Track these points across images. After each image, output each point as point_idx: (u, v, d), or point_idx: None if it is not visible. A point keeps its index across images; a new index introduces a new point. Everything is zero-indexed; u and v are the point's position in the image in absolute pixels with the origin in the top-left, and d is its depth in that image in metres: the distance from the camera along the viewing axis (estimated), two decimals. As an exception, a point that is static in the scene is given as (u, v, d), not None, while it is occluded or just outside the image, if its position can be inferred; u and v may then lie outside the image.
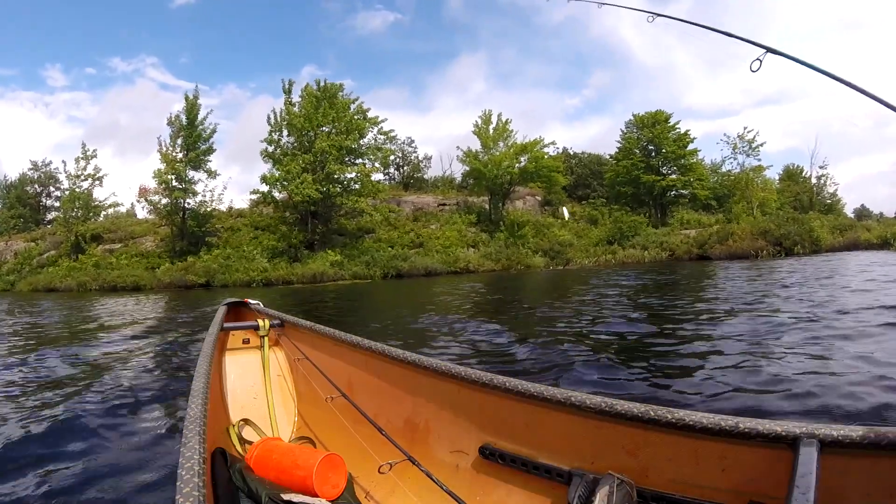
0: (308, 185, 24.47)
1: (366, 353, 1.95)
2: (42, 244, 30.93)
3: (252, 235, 28.28)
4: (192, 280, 23.98)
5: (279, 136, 27.23)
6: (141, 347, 5.80)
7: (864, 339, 4.20)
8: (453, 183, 37.90)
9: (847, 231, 27.26)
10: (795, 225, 25.20)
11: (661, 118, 34.02)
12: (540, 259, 26.95)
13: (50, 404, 3.33)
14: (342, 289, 18.62)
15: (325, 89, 26.92)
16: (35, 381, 4.12)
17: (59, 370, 4.52)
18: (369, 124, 27.09)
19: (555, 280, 17.11)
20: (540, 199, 34.81)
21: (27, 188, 37.72)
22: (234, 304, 2.82)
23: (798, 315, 5.62)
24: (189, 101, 28.08)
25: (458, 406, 1.62)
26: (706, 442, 1.11)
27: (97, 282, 24.75)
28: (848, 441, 0.96)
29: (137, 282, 24.25)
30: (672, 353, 4.24)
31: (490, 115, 31.11)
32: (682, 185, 33.37)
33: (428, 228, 29.66)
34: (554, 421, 1.36)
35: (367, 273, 23.99)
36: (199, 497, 0.91)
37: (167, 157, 27.34)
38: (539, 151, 30.45)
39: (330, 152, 25.30)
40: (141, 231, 30.26)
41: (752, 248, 23.81)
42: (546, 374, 3.72)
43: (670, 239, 28.37)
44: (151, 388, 3.73)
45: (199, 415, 1.26)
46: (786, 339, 4.44)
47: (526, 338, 5.19)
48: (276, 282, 23.25)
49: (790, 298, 7.42)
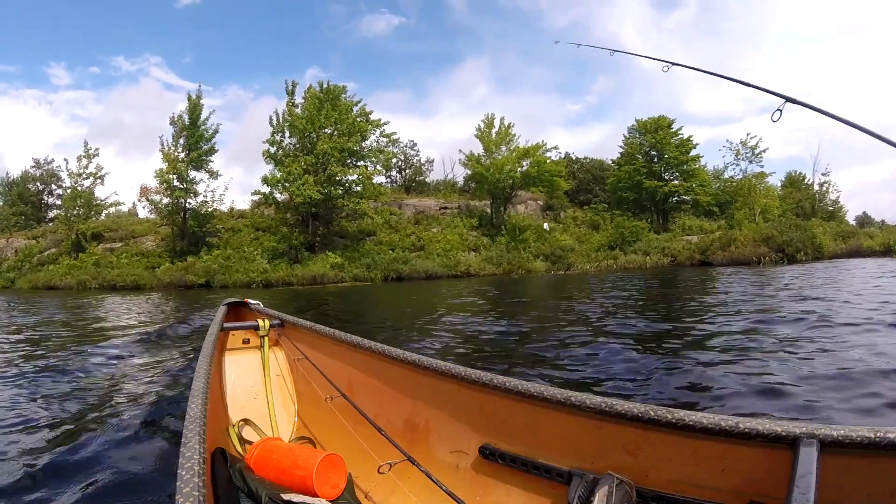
0: (309, 186, 24.26)
1: (366, 353, 1.94)
2: (43, 242, 30.80)
3: (253, 236, 28.07)
4: (191, 280, 23.79)
5: (281, 138, 27.06)
6: (140, 348, 5.70)
7: (871, 341, 4.19)
8: (455, 186, 37.68)
9: (850, 238, 27.09)
10: (798, 232, 25.00)
11: (663, 124, 33.87)
12: (541, 263, 26.74)
13: (47, 406, 3.29)
14: (342, 291, 18.45)
15: (327, 91, 26.76)
16: (30, 383, 4.03)
17: (55, 371, 4.42)
18: (371, 126, 26.91)
19: (556, 285, 16.88)
20: (542, 203, 34.59)
21: (29, 186, 37.61)
22: (234, 305, 2.80)
23: (807, 319, 5.55)
24: (192, 101, 27.92)
25: (458, 406, 1.60)
26: (706, 442, 1.10)
27: (97, 280, 24.60)
28: (848, 441, 0.95)
29: (137, 281, 24.11)
30: (683, 355, 4.20)
31: (493, 119, 30.93)
32: (684, 190, 33.18)
33: (429, 232, 29.42)
34: (554, 421, 1.35)
35: (367, 276, 23.75)
36: (199, 497, 0.90)
37: (169, 156, 27.20)
38: (541, 156, 30.26)
39: (332, 154, 25.09)
40: (142, 230, 30.08)
41: (755, 254, 23.61)
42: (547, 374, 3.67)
43: (672, 245, 28.22)
44: (151, 388, 3.70)
45: (199, 415, 1.25)
46: (793, 341, 4.41)
47: (531, 340, 5.12)
48: (277, 283, 23.05)
49: (803, 302, 7.24)
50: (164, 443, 2.53)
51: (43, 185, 38.02)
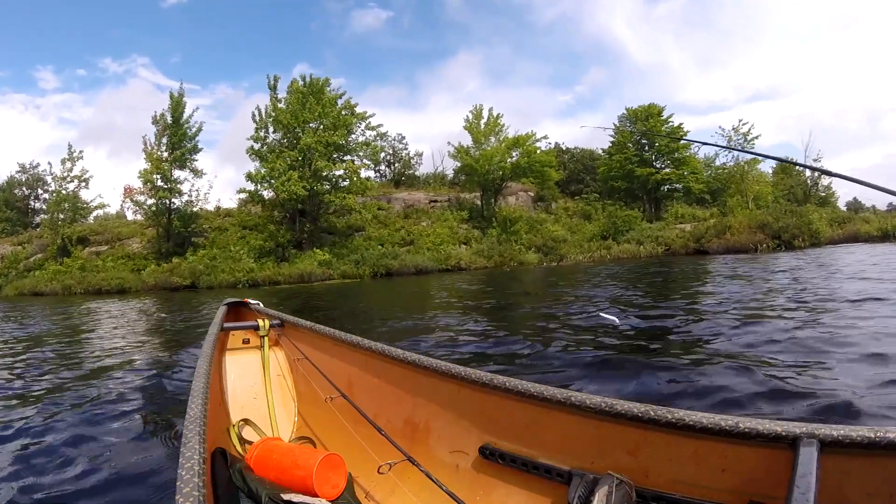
0: (294, 182, 23.30)
1: (366, 353, 1.92)
2: (29, 248, 29.88)
3: (239, 235, 27.11)
4: (176, 282, 22.92)
5: (266, 134, 26.07)
6: (138, 350, 5.65)
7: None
8: (445, 179, 36.60)
9: (846, 224, 26.27)
10: (794, 218, 24.20)
11: (654, 111, 33.11)
12: (533, 255, 25.93)
13: (46, 410, 3.23)
14: (330, 289, 17.70)
15: (311, 84, 25.73)
16: (25, 387, 4.03)
17: (50, 375, 4.41)
18: (356, 119, 25.89)
19: (549, 277, 16.07)
20: (533, 194, 33.70)
21: (15, 191, 36.47)
22: (234, 304, 2.74)
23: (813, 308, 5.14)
24: (174, 98, 26.95)
25: (458, 406, 1.58)
26: (706, 442, 1.08)
27: (82, 285, 23.87)
28: (848, 441, 0.93)
29: (122, 284, 23.42)
30: (678, 348, 3.94)
31: (481, 110, 29.99)
32: (676, 178, 32.42)
33: (419, 226, 28.44)
34: (554, 421, 1.33)
35: (355, 272, 22.86)
36: (199, 497, 0.89)
37: (152, 156, 26.26)
38: (531, 146, 29.30)
39: (316, 148, 24.10)
40: (128, 232, 29.14)
41: (751, 241, 22.84)
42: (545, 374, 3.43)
43: (665, 233, 27.49)
44: (150, 388, 3.65)
45: (199, 415, 1.24)
46: (795, 336, 3.99)
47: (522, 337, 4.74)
48: (263, 282, 22.21)
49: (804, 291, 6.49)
50: (165, 443, 2.50)
51: (29, 189, 36.86)
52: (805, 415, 2.31)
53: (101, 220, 32.69)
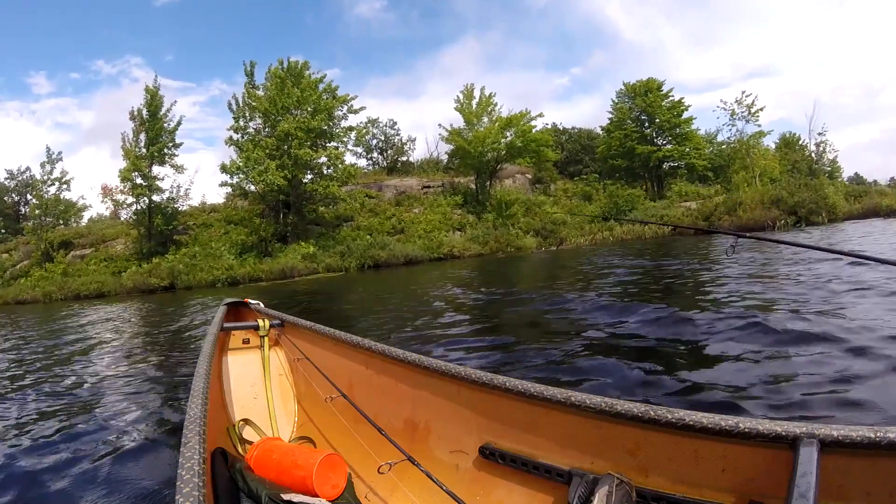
0: (273, 172, 20.74)
1: (366, 353, 1.84)
2: (16, 255, 27.62)
3: (224, 230, 24.66)
4: (154, 283, 20.59)
5: (245, 123, 23.48)
6: (136, 352, 5.36)
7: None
8: (439, 165, 33.81)
9: (862, 197, 23.39)
10: (809, 192, 21.36)
11: (653, 86, 30.18)
12: (531, 240, 23.30)
13: (46, 412, 3.12)
14: (311, 284, 15.42)
15: (290, 68, 23.04)
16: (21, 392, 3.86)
17: (43, 383, 4.12)
18: (338, 103, 23.17)
19: (549, 265, 13.53)
20: (530, 176, 30.94)
21: (5, 198, 34.22)
22: (234, 304, 2.63)
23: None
24: (150, 91, 24.39)
25: (458, 406, 1.52)
26: (706, 442, 1.05)
27: (62, 291, 21.62)
28: (848, 441, 0.91)
29: (100, 288, 21.26)
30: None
31: (472, 90, 27.15)
32: (679, 155, 29.56)
33: (410, 213, 25.79)
34: (554, 421, 1.29)
35: (341, 265, 20.36)
36: (199, 497, 0.87)
37: (130, 153, 23.77)
38: (526, 125, 26.45)
39: (296, 135, 21.47)
40: (113, 234, 26.81)
41: (766, 218, 20.10)
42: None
43: (670, 212, 24.88)
44: (150, 388, 3.50)
45: (199, 415, 1.20)
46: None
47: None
48: (243, 280, 19.88)
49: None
50: (165, 443, 2.40)
51: (18, 195, 34.60)
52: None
53: (94, 221, 30.51)
